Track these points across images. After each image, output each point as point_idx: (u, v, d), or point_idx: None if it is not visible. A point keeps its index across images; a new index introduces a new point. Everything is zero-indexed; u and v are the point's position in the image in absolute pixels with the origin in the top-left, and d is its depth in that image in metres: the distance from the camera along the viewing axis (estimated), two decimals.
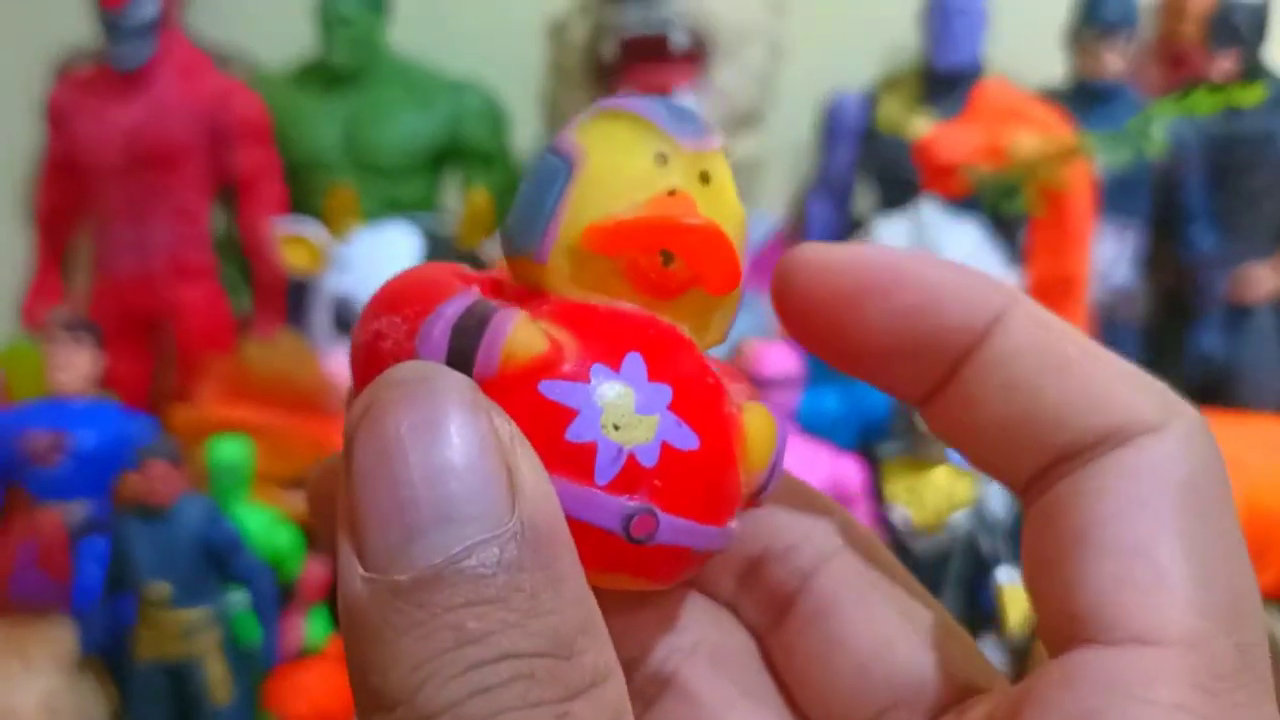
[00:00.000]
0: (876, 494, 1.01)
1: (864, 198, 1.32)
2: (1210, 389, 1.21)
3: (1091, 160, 1.10)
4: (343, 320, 1.16)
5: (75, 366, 1.04)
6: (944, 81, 1.20)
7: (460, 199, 1.30)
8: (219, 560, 0.94)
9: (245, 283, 1.33)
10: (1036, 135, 1.09)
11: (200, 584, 0.94)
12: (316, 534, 1.01)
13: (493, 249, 1.20)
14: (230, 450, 1.00)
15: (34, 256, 1.35)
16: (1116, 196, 1.19)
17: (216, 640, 0.95)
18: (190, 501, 0.94)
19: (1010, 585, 0.98)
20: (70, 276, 1.38)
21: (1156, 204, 1.24)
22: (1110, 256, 1.21)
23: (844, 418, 1.08)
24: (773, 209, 1.35)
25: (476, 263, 1.19)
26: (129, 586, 0.95)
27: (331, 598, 1.05)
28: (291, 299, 1.22)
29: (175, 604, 0.93)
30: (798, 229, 1.34)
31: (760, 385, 0.96)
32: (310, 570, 1.01)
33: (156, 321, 1.26)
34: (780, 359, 0.96)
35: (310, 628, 1.02)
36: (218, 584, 0.96)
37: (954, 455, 1.02)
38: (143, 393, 1.23)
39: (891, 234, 1.13)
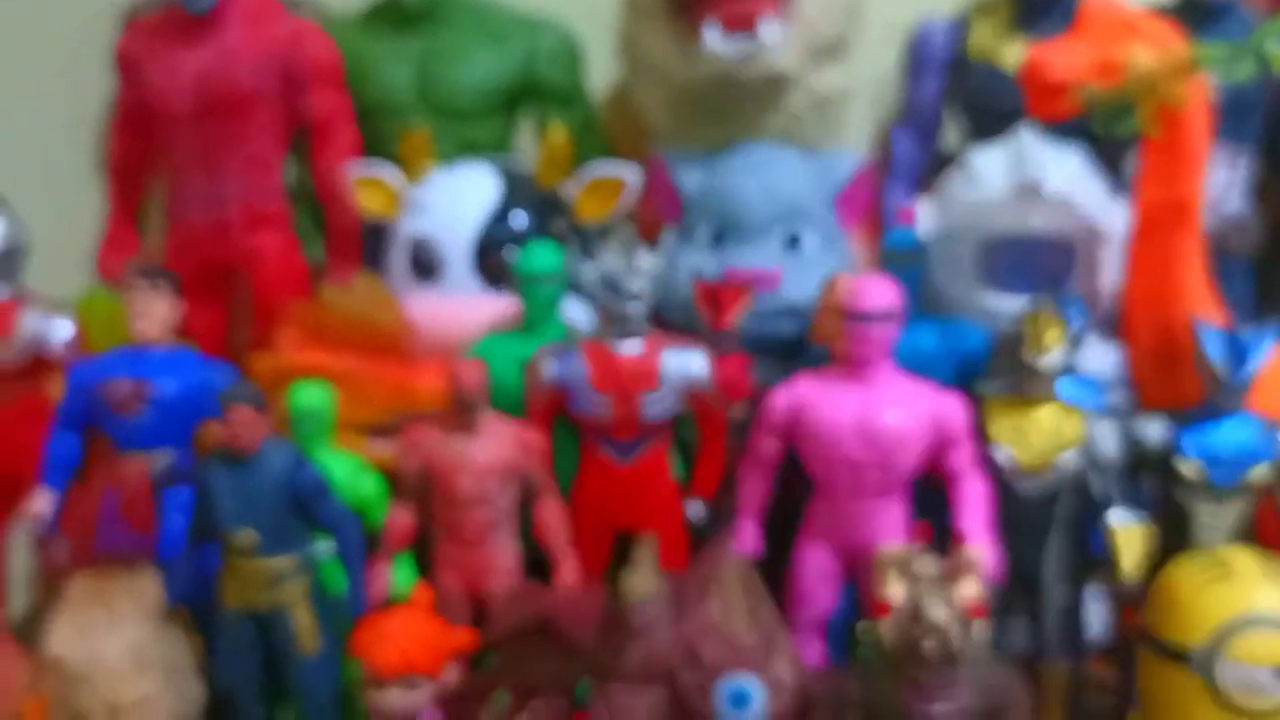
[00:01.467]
0: (980, 433, 0.96)
1: (951, 130, 1.26)
2: None
3: (1209, 75, 1.03)
4: (420, 263, 1.14)
5: (154, 314, 1.02)
6: (1041, 3, 1.14)
7: (536, 140, 1.26)
8: (304, 507, 0.92)
9: (318, 230, 1.31)
10: (1152, 50, 1.03)
11: (286, 531, 0.92)
12: (400, 482, 0.99)
13: (571, 189, 1.16)
14: (312, 396, 0.98)
15: (107, 209, 1.34)
16: (1229, 122, 1.12)
17: (303, 589, 0.94)
18: (274, 447, 0.92)
19: (1123, 527, 0.94)
20: (144, 228, 1.37)
21: (1268, 130, 1.18)
22: (1222, 184, 1.15)
23: (941, 355, 1.04)
24: (857, 144, 1.30)
25: (555, 204, 1.16)
26: (214, 535, 0.93)
27: (416, 546, 1.03)
28: (367, 243, 1.20)
29: (261, 552, 0.92)
30: (883, 164, 1.28)
31: (858, 319, 0.92)
32: (395, 518, 0.99)
33: (231, 271, 1.24)
34: (878, 293, 0.91)
35: (397, 576, 1.00)
36: (304, 532, 0.94)
37: (1062, 392, 0.98)
38: (219, 342, 1.21)
39: (988, 165, 1.08)
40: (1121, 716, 1.00)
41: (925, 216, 1.10)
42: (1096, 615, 1.02)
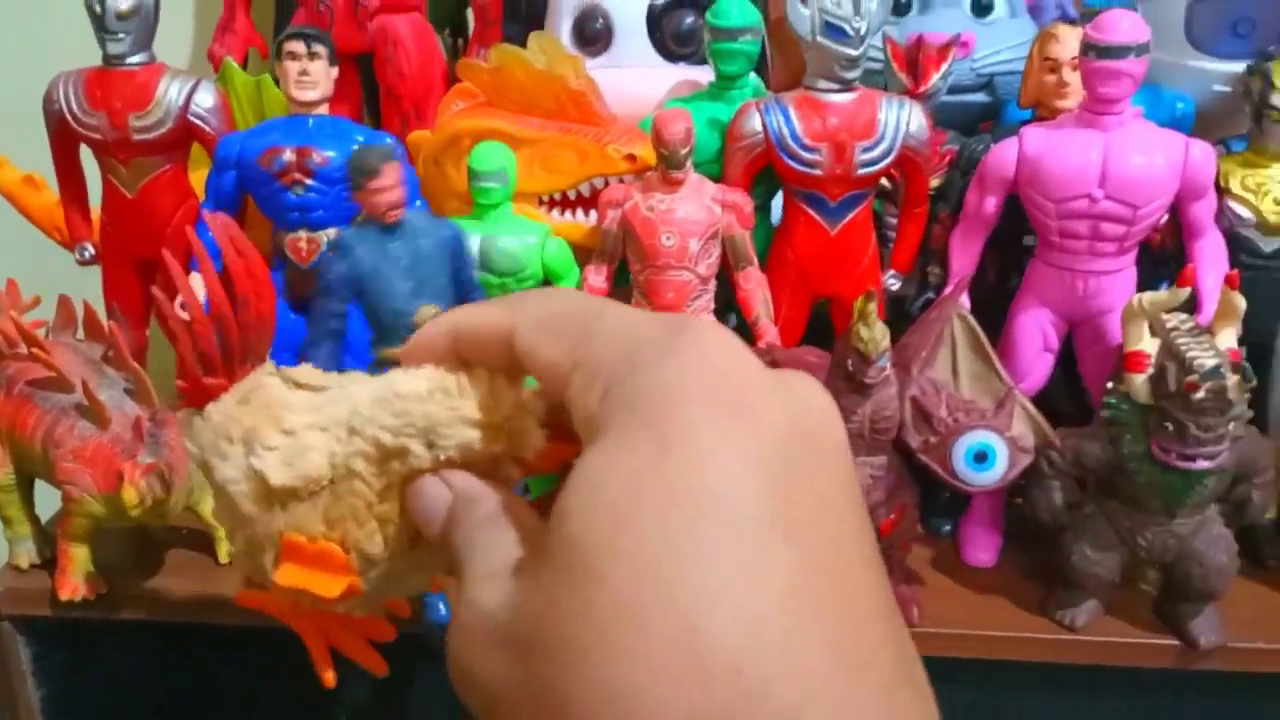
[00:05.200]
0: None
1: None
2: None
3: None
4: (585, 33, 1.06)
5: (315, 81, 0.95)
6: None
7: None
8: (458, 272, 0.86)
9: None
10: None
11: (448, 302, 0.85)
12: (598, 246, 0.93)
13: None
14: (496, 155, 0.90)
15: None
16: None
17: None
18: (414, 213, 0.85)
19: None
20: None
21: None
22: None
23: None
24: None
25: None
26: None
27: None
28: (526, 11, 1.12)
29: None
30: None
31: (1108, 55, 0.84)
32: (592, 283, 0.93)
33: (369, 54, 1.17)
34: (1130, 25, 0.84)
35: None
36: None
37: None
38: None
39: None
40: None
41: None
42: None
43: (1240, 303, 0.81)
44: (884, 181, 0.98)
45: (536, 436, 0.34)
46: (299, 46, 0.94)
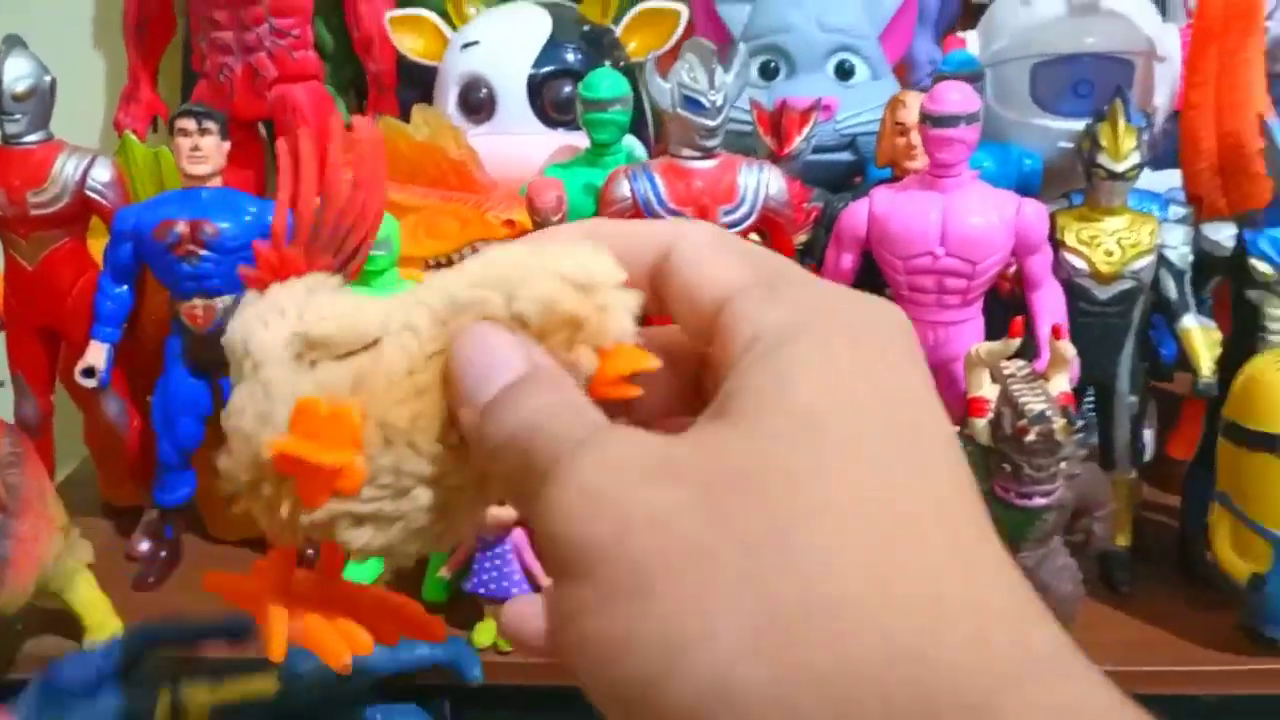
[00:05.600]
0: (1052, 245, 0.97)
1: None
2: None
3: None
4: (470, 102, 1.12)
5: (205, 154, 0.99)
6: None
7: None
8: None
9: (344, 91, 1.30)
10: None
11: None
12: None
13: (620, 23, 1.15)
14: (381, 226, 0.95)
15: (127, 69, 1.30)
16: None
17: None
18: None
19: (1200, 327, 0.95)
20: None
21: None
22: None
23: (997, 179, 1.04)
24: None
25: (604, 39, 1.14)
26: None
27: None
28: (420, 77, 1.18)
29: None
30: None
31: (941, 124, 0.91)
32: None
33: (266, 122, 1.22)
34: (960, 96, 0.90)
35: None
36: None
37: (1139, 201, 0.99)
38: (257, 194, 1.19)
39: None
40: (1183, 537, 1.03)
41: (975, 44, 1.11)
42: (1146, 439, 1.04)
43: (1068, 350, 0.88)
44: (755, 237, 1.04)
45: (626, 319, 0.29)
46: (190, 124, 0.99)
